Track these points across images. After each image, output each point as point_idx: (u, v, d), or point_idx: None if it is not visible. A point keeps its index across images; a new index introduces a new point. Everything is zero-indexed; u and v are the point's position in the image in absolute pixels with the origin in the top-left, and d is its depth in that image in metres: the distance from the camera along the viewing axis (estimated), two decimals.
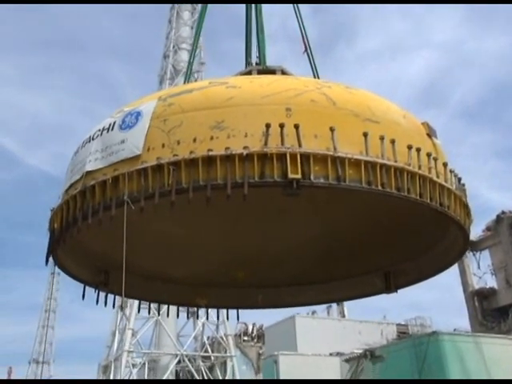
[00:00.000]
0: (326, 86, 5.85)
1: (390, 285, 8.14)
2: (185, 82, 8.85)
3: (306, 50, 8.93)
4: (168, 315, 10.56)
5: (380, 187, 5.33)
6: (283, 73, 7.09)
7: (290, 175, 5.04)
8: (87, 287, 7.95)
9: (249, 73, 7.19)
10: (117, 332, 37.58)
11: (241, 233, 7.90)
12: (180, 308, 11.24)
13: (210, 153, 5.18)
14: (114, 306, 8.75)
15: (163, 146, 5.43)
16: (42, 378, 78.20)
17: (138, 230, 7.09)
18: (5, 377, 76.34)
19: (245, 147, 5.15)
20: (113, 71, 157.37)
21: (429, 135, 6.21)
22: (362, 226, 7.50)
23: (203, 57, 44.62)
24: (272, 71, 7.13)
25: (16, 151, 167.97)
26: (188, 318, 11.24)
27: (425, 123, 6.30)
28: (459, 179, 6.42)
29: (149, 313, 12.34)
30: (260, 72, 7.17)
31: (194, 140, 5.32)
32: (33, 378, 77.38)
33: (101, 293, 7.98)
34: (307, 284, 8.99)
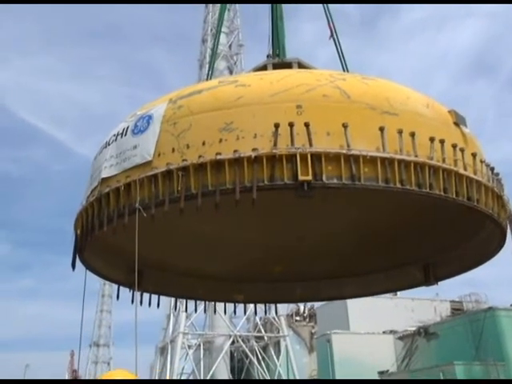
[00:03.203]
0: (341, 79, 5.52)
1: (430, 277, 7.90)
2: (207, 77, 8.71)
3: (332, 35, 8.57)
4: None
5: (399, 184, 5.01)
6: (300, 65, 6.77)
7: (301, 177, 4.81)
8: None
9: (264, 67, 6.90)
10: (171, 315, 38.25)
11: (276, 228, 7.75)
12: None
13: (218, 156, 5.01)
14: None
15: (173, 150, 5.31)
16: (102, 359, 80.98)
17: (172, 229, 7.03)
18: (68, 359, 79.40)
19: (254, 149, 4.95)
20: (156, 58, 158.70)
21: (456, 124, 5.79)
22: (394, 219, 7.21)
23: (241, 39, 44.01)
24: (288, 64, 6.82)
25: (69, 142, 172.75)
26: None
27: (452, 111, 5.87)
28: (492, 169, 5.98)
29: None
30: (276, 66, 6.86)
31: (203, 143, 5.16)
32: (94, 360, 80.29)
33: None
34: (346, 277, 8.81)
